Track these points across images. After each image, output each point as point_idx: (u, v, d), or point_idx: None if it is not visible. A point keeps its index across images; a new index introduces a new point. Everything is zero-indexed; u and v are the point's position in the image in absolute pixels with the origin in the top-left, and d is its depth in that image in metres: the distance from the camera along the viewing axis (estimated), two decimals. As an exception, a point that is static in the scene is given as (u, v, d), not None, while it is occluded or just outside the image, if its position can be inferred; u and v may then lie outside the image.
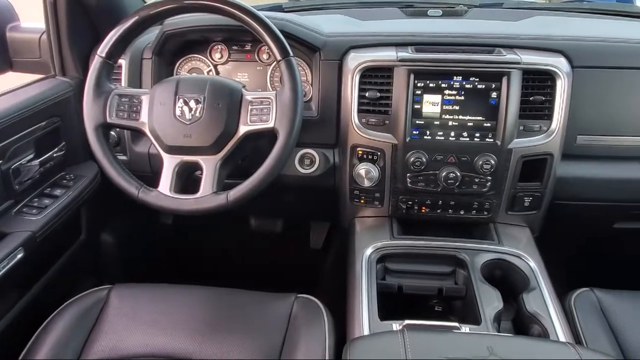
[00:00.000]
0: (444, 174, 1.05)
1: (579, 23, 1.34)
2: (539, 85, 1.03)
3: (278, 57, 0.92)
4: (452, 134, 1.04)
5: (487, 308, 0.90)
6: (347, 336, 0.89)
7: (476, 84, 1.02)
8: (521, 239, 1.10)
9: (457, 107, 1.04)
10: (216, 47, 1.21)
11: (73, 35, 1.17)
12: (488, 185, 1.06)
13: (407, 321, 0.86)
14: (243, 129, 0.94)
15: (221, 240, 1.67)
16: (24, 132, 1.03)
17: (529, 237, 1.11)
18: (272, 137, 0.94)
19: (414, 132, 1.05)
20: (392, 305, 0.98)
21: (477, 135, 1.04)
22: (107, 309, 0.99)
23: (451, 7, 1.36)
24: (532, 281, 0.97)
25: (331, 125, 1.12)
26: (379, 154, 1.08)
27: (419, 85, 1.03)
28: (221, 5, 0.92)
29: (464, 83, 1.03)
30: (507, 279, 1.02)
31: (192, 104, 0.93)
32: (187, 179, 0.98)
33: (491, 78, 1.02)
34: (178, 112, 0.93)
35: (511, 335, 0.87)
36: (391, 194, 1.11)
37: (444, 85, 1.03)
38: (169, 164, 0.94)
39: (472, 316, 0.92)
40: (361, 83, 1.06)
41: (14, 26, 1.23)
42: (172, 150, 0.94)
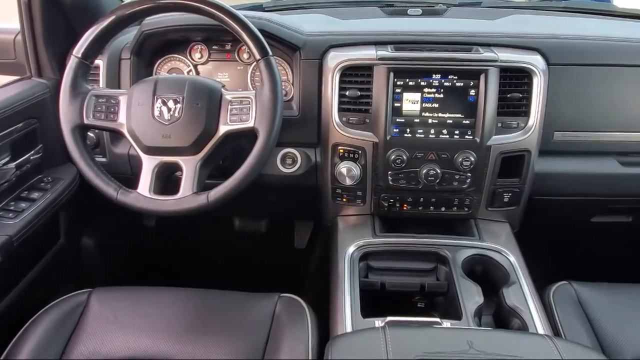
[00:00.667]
0: (424, 172, 1.06)
1: (555, 21, 1.37)
2: (516, 83, 1.05)
3: (257, 56, 0.92)
4: (432, 131, 1.05)
5: (468, 303, 0.92)
6: (330, 334, 0.90)
7: (455, 81, 1.03)
8: (501, 234, 1.11)
9: (436, 105, 1.05)
10: (196, 46, 1.20)
11: (49, 36, 1.15)
12: (468, 181, 1.07)
13: (389, 318, 0.87)
14: (223, 128, 0.93)
15: (205, 242, 1.66)
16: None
17: (509, 233, 1.12)
18: (252, 136, 0.93)
19: (395, 130, 1.06)
20: (375, 303, 0.98)
21: (457, 132, 1.05)
22: (87, 313, 0.98)
23: (431, 6, 1.38)
24: (511, 276, 0.99)
25: (312, 124, 1.13)
26: (360, 152, 1.08)
27: (398, 83, 1.04)
28: (199, 5, 0.92)
29: (443, 81, 1.04)
30: (488, 274, 1.03)
31: (170, 104, 0.93)
32: (168, 180, 0.97)
33: (469, 76, 1.03)
34: (157, 113, 0.93)
35: (490, 329, 0.88)
36: (373, 192, 1.12)
37: (423, 83, 1.04)
38: (148, 165, 0.93)
39: (453, 311, 0.93)
40: (341, 82, 1.06)
41: (-14, 27, 1.21)
42: (151, 151, 0.93)
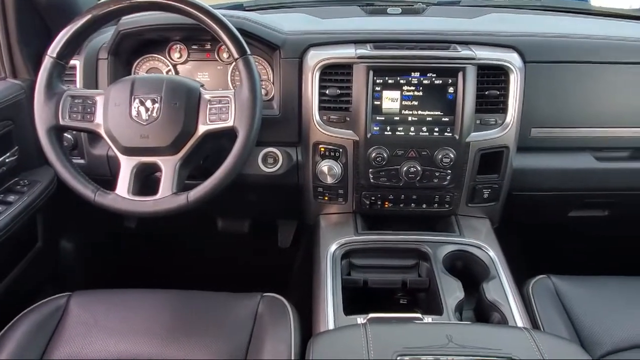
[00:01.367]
0: (405, 169, 1.06)
1: (532, 20, 1.39)
2: (493, 80, 1.06)
3: (235, 55, 0.91)
4: (412, 129, 1.06)
5: (449, 298, 0.92)
6: (312, 332, 0.90)
7: (433, 79, 1.04)
8: (481, 230, 1.13)
9: (416, 103, 1.05)
10: (175, 46, 1.19)
11: (23, 35, 1.13)
12: (448, 178, 1.08)
13: (371, 315, 0.87)
14: (202, 128, 0.93)
15: (188, 243, 1.64)
16: None
17: (489, 228, 1.14)
18: (233, 136, 0.93)
19: (375, 128, 1.06)
20: (358, 300, 0.99)
21: (436, 129, 1.06)
22: (66, 317, 0.96)
23: (410, 5, 1.39)
24: (491, 270, 1.00)
25: (293, 123, 1.13)
26: (340, 150, 1.09)
27: (378, 81, 1.05)
28: (176, 4, 0.91)
29: (422, 79, 1.04)
30: (469, 270, 1.04)
31: (148, 104, 0.92)
32: (147, 181, 0.96)
33: (447, 73, 1.04)
34: (134, 113, 0.92)
35: (469, 323, 0.89)
36: (354, 190, 1.12)
37: (402, 81, 1.05)
38: (126, 165, 0.92)
39: (435, 307, 0.94)
40: (321, 80, 1.07)
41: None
42: (129, 151, 0.92)
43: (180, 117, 0.91)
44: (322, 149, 1.10)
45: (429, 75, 1.04)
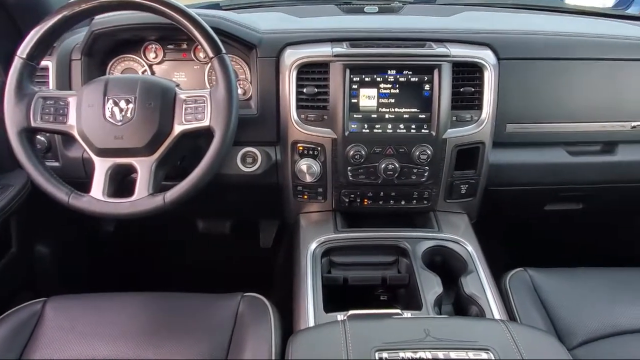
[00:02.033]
0: (383, 166, 1.07)
1: (505, 17, 1.41)
2: (468, 77, 1.08)
3: (210, 54, 0.91)
4: (389, 126, 1.07)
5: (427, 293, 0.93)
6: (293, 331, 0.90)
7: (409, 77, 1.05)
8: (460, 225, 1.14)
9: (392, 100, 1.06)
10: (150, 46, 1.18)
11: (-8, 36, 1.11)
12: (426, 174, 1.09)
13: (351, 311, 0.88)
14: (178, 128, 0.92)
15: (168, 245, 1.63)
16: None
17: (467, 223, 1.15)
18: (210, 136, 0.92)
19: (352, 126, 1.07)
20: (338, 298, 0.99)
21: (413, 126, 1.07)
22: (42, 323, 0.94)
23: (387, 4, 1.40)
24: (469, 265, 1.01)
25: (271, 122, 1.12)
26: (319, 149, 1.09)
27: (354, 79, 1.05)
28: (149, 3, 0.90)
29: (398, 76, 1.05)
30: (447, 265, 1.06)
31: (122, 104, 0.90)
32: (123, 183, 0.95)
33: (423, 71, 1.05)
34: (108, 114, 0.90)
35: (446, 317, 0.90)
36: (334, 188, 1.13)
37: (379, 79, 1.05)
38: (101, 167, 0.91)
39: (415, 302, 0.95)
40: (298, 79, 1.06)
41: None
42: (104, 153, 0.91)
43: (156, 118, 0.90)
44: (301, 148, 1.10)
45: (405, 72, 1.05)
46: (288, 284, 1.04)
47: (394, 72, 1.05)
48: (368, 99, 1.06)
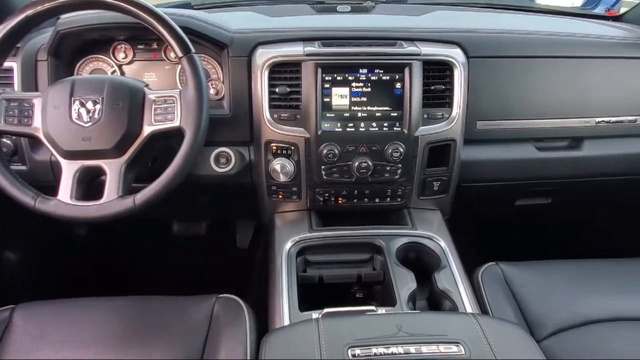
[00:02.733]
0: (356, 164, 1.08)
1: (475, 17, 1.43)
2: (438, 75, 1.09)
3: (179, 54, 0.90)
4: (362, 124, 1.07)
5: (401, 289, 0.94)
6: (268, 331, 0.89)
7: (381, 75, 1.06)
8: (433, 221, 1.16)
9: (364, 99, 1.07)
10: (119, 46, 1.16)
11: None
12: (399, 172, 1.10)
13: (326, 310, 0.88)
14: (147, 129, 0.91)
15: (143, 248, 1.60)
16: None
17: (440, 220, 1.17)
18: (181, 136, 0.92)
19: (325, 125, 1.07)
20: (314, 296, 0.99)
21: (386, 124, 1.08)
22: (10, 331, 0.92)
23: (359, 4, 1.41)
24: (442, 260, 1.03)
25: (244, 122, 1.12)
26: (292, 148, 1.09)
27: (327, 78, 1.05)
28: (116, 2, 0.89)
29: (370, 75, 1.06)
30: (421, 261, 1.07)
31: (89, 105, 0.89)
32: (92, 185, 0.93)
33: (394, 69, 1.06)
34: (74, 115, 0.89)
35: (418, 312, 0.92)
36: (308, 187, 1.13)
37: (350, 77, 1.06)
38: (68, 170, 0.89)
39: (390, 299, 0.95)
40: (270, 79, 1.06)
41: None
42: (71, 155, 0.89)
43: (124, 118, 0.89)
44: (274, 148, 1.10)
45: (376, 71, 1.06)
46: (264, 284, 1.04)
47: (365, 70, 1.06)
48: (340, 97, 1.07)
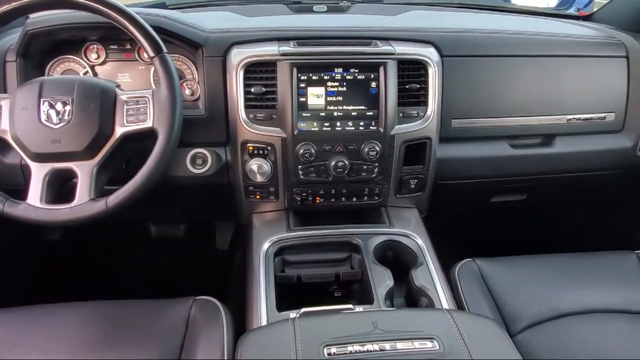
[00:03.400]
0: (333, 164, 1.08)
1: (450, 17, 1.45)
2: (413, 74, 1.10)
3: (151, 53, 0.89)
4: (338, 124, 1.08)
5: (379, 287, 0.95)
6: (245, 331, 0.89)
7: (356, 74, 1.06)
8: (410, 219, 1.17)
9: (340, 98, 1.07)
10: (92, 46, 1.14)
11: None
12: (376, 171, 1.11)
13: (303, 309, 0.88)
14: (119, 130, 0.89)
15: (120, 252, 1.58)
16: None
17: (417, 218, 1.18)
18: (155, 137, 0.90)
19: (302, 125, 1.07)
20: (293, 296, 0.99)
21: (362, 124, 1.08)
22: None
23: (335, 3, 1.42)
24: (419, 257, 1.03)
25: (220, 122, 1.11)
26: (269, 148, 1.08)
27: (302, 78, 1.05)
28: (85, 2, 0.87)
29: (345, 74, 1.06)
30: (399, 258, 1.08)
31: (59, 106, 0.87)
32: (63, 188, 0.92)
33: (369, 68, 1.06)
34: (43, 117, 0.87)
35: (394, 309, 0.92)
36: (285, 187, 1.13)
37: (326, 77, 1.06)
38: (38, 172, 0.87)
39: (368, 297, 0.96)
40: (246, 79, 1.06)
41: None
42: (40, 157, 0.87)
43: (95, 120, 0.88)
44: (251, 148, 1.09)
45: (351, 70, 1.06)
46: (243, 285, 1.04)
47: (340, 70, 1.06)
48: (316, 97, 1.07)
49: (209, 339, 0.90)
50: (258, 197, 1.15)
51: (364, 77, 1.07)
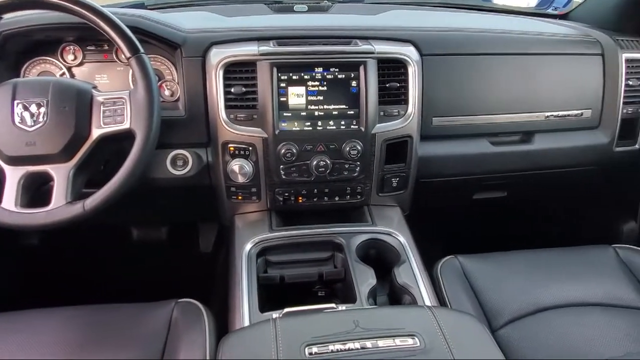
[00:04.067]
0: (315, 163, 1.08)
1: (430, 16, 1.46)
2: (393, 73, 1.10)
3: (127, 54, 0.88)
4: (319, 123, 1.08)
5: (362, 286, 0.95)
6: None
7: (336, 74, 1.07)
8: (393, 218, 1.17)
9: (321, 98, 1.07)
10: (68, 47, 1.12)
11: None
12: (357, 170, 1.11)
13: (286, 309, 0.88)
14: (96, 132, 0.88)
15: (102, 256, 1.55)
16: None
17: (400, 216, 1.18)
18: (133, 139, 0.89)
19: (283, 125, 1.07)
20: (277, 297, 0.99)
21: (343, 123, 1.08)
22: None
23: (316, 3, 1.41)
24: (402, 255, 1.04)
25: (201, 123, 1.10)
26: (250, 149, 1.08)
27: (282, 78, 1.05)
28: (59, 2, 0.86)
29: (325, 74, 1.06)
30: (382, 257, 1.08)
31: (33, 108, 0.86)
32: (41, 192, 0.90)
33: (349, 68, 1.07)
34: (17, 119, 0.85)
35: (376, 307, 0.92)
36: (267, 187, 1.12)
37: (306, 77, 1.06)
38: (12, 176, 0.86)
39: (350, 296, 0.96)
40: (225, 79, 1.05)
41: None
42: (14, 161, 0.86)
43: (71, 121, 0.86)
44: (232, 148, 1.08)
45: (332, 70, 1.06)
46: (226, 287, 1.03)
47: (321, 69, 1.06)
48: (297, 97, 1.06)
49: (191, 341, 0.89)
50: (240, 197, 1.14)
51: (344, 76, 1.07)
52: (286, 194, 1.13)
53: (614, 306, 1.01)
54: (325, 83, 1.07)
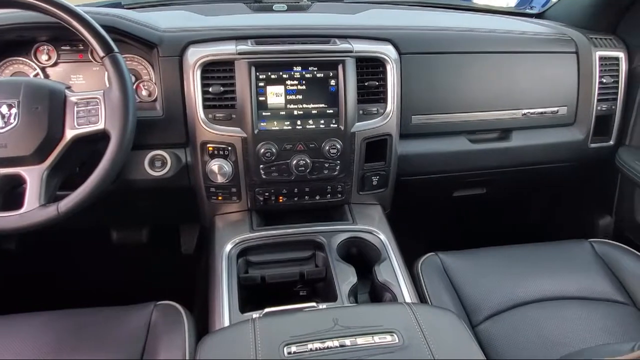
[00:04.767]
0: (294, 162, 1.07)
1: (410, 15, 1.47)
2: (372, 72, 1.11)
3: (101, 53, 0.87)
4: (299, 122, 1.07)
5: (342, 284, 0.95)
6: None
7: (315, 73, 1.07)
8: (374, 216, 1.17)
9: (300, 97, 1.07)
10: (42, 47, 1.10)
11: None
12: (338, 168, 1.11)
13: (267, 309, 0.87)
14: (70, 133, 0.87)
15: (81, 260, 1.53)
16: None
17: (381, 214, 1.18)
18: (108, 139, 0.88)
19: (262, 124, 1.06)
20: (258, 297, 0.98)
21: (322, 122, 1.08)
22: None
23: (296, 2, 1.41)
24: (383, 253, 1.04)
25: (179, 123, 1.09)
26: (229, 148, 1.07)
27: (261, 77, 1.05)
28: (31, 1, 0.84)
29: (304, 73, 1.06)
30: (363, 255, 1.08)
31: (4, 109, 0.84)
32: (14, 195, 0.88)
33: (328, 67, 1.07)
34: None
35: (355, 305, 0.92)
36: (247, 187, 1.12)
37: (285, 76, 1.06)
38: (-17, 179, 0.84)
39: (332, 294, 0.96)
40: (203, 78, 1.04)
41: None
42: None
43: (44, 122, 0.84)
44: (211, 148, 1.07)
45: (310, 69, 1.06)
46: (206, 288, 1.02)
47: (299, 68, 1.06)
48: (276, 96, 1.06)
49: (170, 343, 0.88)
50: (220, 198, 1.13)
51: (323, 75, 1.07)
52: (266, 193, 1.12)
53: (591, 299, 1.03)
54: (304, 82, 1.06)
